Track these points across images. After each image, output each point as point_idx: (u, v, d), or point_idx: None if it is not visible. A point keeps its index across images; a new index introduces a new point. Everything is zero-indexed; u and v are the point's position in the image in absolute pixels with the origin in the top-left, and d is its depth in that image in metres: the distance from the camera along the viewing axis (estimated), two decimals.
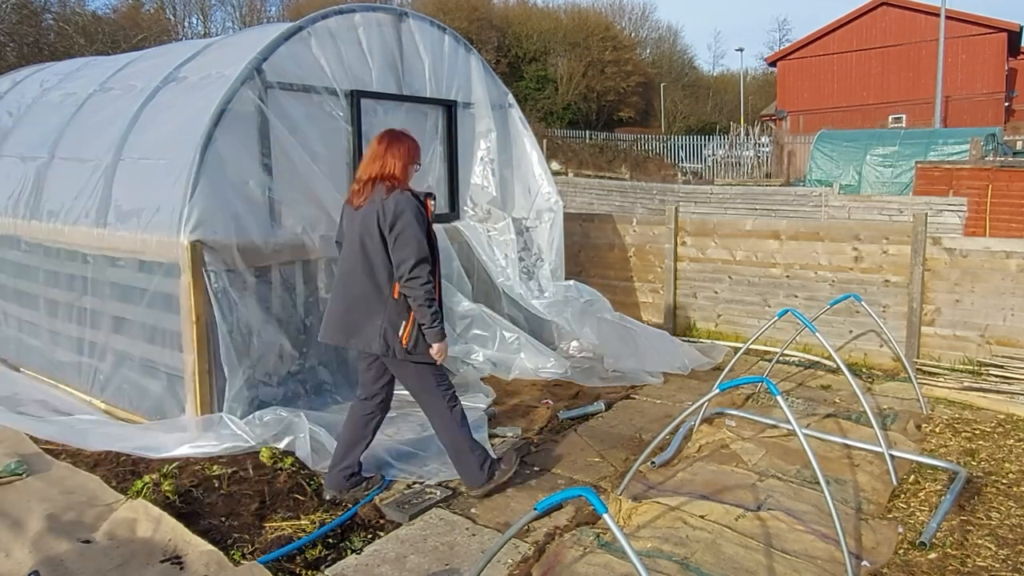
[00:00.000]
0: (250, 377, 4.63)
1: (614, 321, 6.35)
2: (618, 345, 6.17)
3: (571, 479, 4.15)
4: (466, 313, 5.81)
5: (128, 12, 30.25)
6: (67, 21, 23.08)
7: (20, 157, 6.18)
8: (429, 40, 5.92)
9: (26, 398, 5.30)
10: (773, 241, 6.84)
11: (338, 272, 3.76)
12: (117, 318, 4.98)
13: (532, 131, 6.82)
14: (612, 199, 19.45)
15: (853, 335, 6.48)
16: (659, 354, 6.15)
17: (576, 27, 40.25)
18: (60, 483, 3.94)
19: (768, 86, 44.65)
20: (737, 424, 4.90)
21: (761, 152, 28.35)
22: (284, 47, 4.94)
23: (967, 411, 5.21)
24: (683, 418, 3.71)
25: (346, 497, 3.83)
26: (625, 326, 6.34)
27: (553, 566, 3.21)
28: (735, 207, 17.14)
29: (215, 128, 4.52)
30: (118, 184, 5.03)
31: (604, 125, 40.14)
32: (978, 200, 13.71)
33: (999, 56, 30.51)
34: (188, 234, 4.37)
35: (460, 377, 5.48)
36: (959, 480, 4.00)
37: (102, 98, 5.84)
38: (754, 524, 3.52)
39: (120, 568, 3.17)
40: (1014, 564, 3.28)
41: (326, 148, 5.18)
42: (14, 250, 6.03)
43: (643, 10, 53.74)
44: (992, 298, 5.88)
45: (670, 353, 6.21)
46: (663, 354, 6.17)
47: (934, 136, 20.22)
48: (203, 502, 3.77)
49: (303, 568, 3.23)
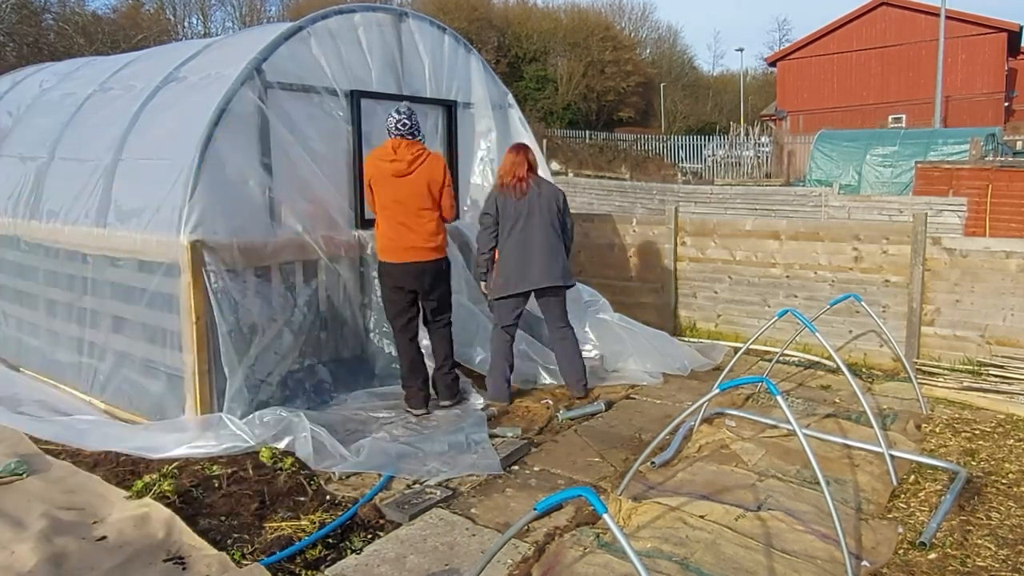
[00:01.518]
0: (250, 377, 4.63)
1: (613, 321, 6.34)
2: (618, 345, 6.17)
3: (571, 479, 4.15)
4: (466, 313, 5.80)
5: (128, 12, 30.25)
6: (67, 21, 23.08)
7: (20, 157, 6.18)
8: (429, 40, 5.93)
9: (26, 398, 5.30)
10: (773, 241, 6.84)
11: (519, 238, 5.19)
12: (117, 318, 4.98)
13: (532, 131, 6.82)
14: (612, 199, 19.44)
15: (853, 335, 6.48)
16: (659, 354, 6.15)
17: (576, 27, 40.27)
18: (60, 483, 3.94)
19: (768, 86, 44.65)
20: (737, 424, 4.90)
21: (761, 152, 28.36)
22: (284, 47, 4.94)
23: (967, 411, 5.21)
24: (683, 418, 3.71)
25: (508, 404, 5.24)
26: (625, 326, 6.34)
27: (553, 566, 3.21)
28: (735, 207, 17.14)
29: (215, 128, 4.52)
30: (118, 184, 5.03)
31: (604, 125, 40.14)
32: (978, 200, 13.71)
33: (999, 56, 30.52)
34: (188, 234, 4.37)
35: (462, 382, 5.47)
36: (959, 480, 4.00)
37: (102, 98, 5.84)
38: (754, 524, 3.52)
39: (122, 567, 3.17)
40: (1014, 564, 3.28)
41: (326, 148, 5.18)
42: (14, 250, 6.03)
43: (643, 10, 53.82)
44: (992, 298, 5.88)
45: (670, 354, 6.21)
46: (663, 355, 6.16)
47: (934, 136, 20.22)
48: (203, 502, 3.77)
49: (303, 568, 3.23)
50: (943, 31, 24.81)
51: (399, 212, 4.85)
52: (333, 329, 5.21)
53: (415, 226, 4.87)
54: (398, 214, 4.86)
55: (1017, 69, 32.64)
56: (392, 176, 4.83)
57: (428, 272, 4.95)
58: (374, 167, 4.93)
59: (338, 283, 5.23)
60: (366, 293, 5.41)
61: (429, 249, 4.93)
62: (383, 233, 4.94)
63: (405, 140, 4.85)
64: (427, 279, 4.95)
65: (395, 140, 4.86)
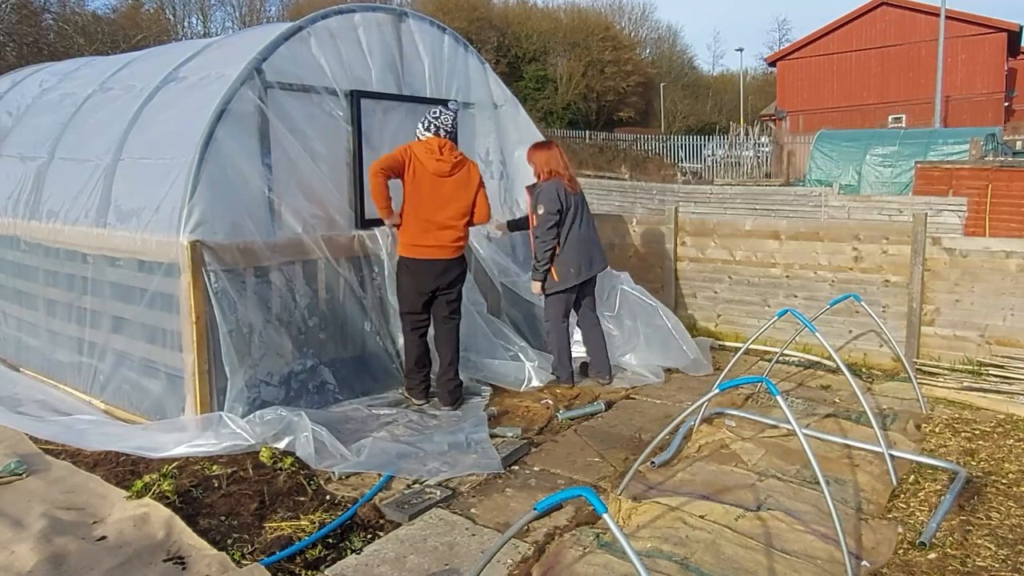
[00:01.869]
0: (251, 377, 4.63)
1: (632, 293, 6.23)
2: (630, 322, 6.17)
3: (571, 479, 4.15)
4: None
5: (128, 12, 30.27)
6: (67, 21, 23.09)
7: (20, 157, 6.18)
8: (429, 40, 5.92)
9: (26, 398, 5.30)
10: (773, 241, 6.84)
11: (579, 229, 5.61)
12: (117, 318, 4.98)
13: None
14: (612, 199, 19.43)
15: (853, 335, 6.48)
16: (663, 348, 6.10)
17: (576, 27, 40.28)
18: (60, 483, 3.94)
19: (768, 86, 44.66)
20: (737, 424, 4.90)
21: (761, 152, 28.37)
22: (284, 47, 4.93)
23: (967, 411, 5.21)
24: (683, 418, 3.70)
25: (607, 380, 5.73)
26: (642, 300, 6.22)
27: (553, 566, 3.21)
28: (735, 207, 17.13)
29: (215, 128, 4.52)
30: (118, 184, 5.03)
31: (604, 125, 40.15)
32: (978, 200, 13.71)
33: (999, 56, 30.52)
34: (188, 234, 4.37)
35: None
36: (959, 480, 4.00)
37: (102, 98, 5.84)
38: (754, 524, 3.52)
39: (122, 567, 3.17)
40: (1014, 564, 3.28)
41: (326, 148, 5.18)
42: (14, 250, 6.03)
43: (643, 10, 53.79)
44: (992, 298, 5.88)
45: (673, 346, 6.13)
46: (666, 348, 6.11)
47: (934, 136, 20.22)
48: (203, 502, 3.77)
49: (303, 568, 3.23)
50: (943, 31, 24.82)
51: (434, 211, 4.93)
52: (334, 329, 5.21)
53: (446, 226, 4.97)
54: (433, 213, 4.93)
55: (1017, 69, 32.65)
56: (434, 175, 4.91)
57: (451, 270, 5.07)
58: (414, 162, 4.89)
59: (338, 283, 5.23)
60: (367, 293, 5.40)
61: (456, 248, 5.07)
62: (410, 229, 4.98)
63: (450, 142, 5.00)
64: (449, 277, 5.07)
65: (441, 140, 4.97)
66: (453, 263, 5.08)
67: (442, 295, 5.13)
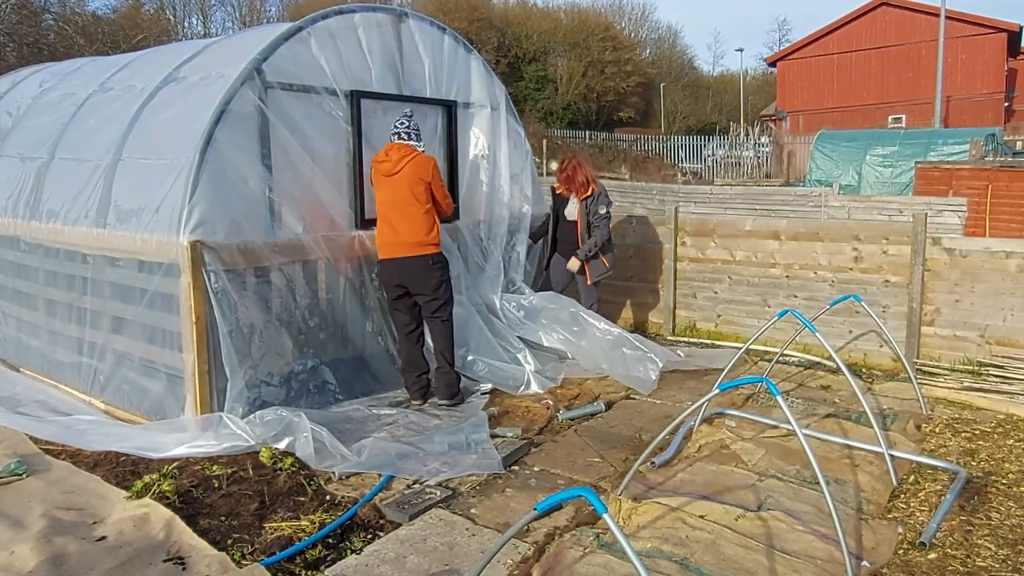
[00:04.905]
0: (252, 377, 4.63)
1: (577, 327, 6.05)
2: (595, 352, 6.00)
3: (571, 479, 4.15)
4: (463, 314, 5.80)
5: (128, 12, 30.27)
6: (67, 21, 23.08)
7: (20, 157, 6.18)
8: (429, 40, 5.92)
9: (26, 398, 5.31)
10: (773, 241, 6.84)
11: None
12: (117, 318, 4.98)
13: (530, 132, 6.80)
14: (611, 199, 19.41)
15: (853, 335, 6.48)
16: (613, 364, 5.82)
17: (576, 27, 40.28)
18: (60, 483, 3.94)
19: (768, 86, 44.65)
20: (737, 424, 4.90)
21: (761, 152, 28.36)
22: (284, 47, 4.93)
23: (967, 411, 5.21)
24: (683, 418, 3.70)
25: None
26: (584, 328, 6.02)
27: (553, 566, 3.21)
28: (735, 207, 17.11)
29: (215, 128, 4.52)
30: (118, 184, 5.03)
31: (604, 125, 40.15)
32: (978, 200, 13.70)
33: (999, 56, 30.50)
34: (188, 234, 4.37)
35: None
36: (959, 480, 4.00)
37: (102, 98, 5.84)
38: (754, 524, 3.52)
39: (123, 567, 3.17)
40: (1014, 564, 3.28)
41: (326, 148, 5.18)
42: (14, 250, 6.03)
43: (643, 10, 53.82)
44: (992, 298, 5.88)
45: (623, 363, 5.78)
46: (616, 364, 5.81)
47: (934, 136, 20.20)
48: (203, 502, 3.77)
49: (303, 568, 3.23)
50: (943, 31, 24.81)
51: (386, 210, 5.08)
52: (334, 330, 5.21)
53: (399, 224, 5.04)
54: (386, 212, 5.08)
55: (1017, 69, 32.63)
56: (382, 176, 5.06)
57: (410, 268, 5.08)
58: (372, 168, 5.20)
59: (338, 283, 5.23)
60: (367, 293, 5.41)
61: (411, 245, 5.06)
62: (376, 231, 5.18)
63: (398, 142, 5.08)
64: (410, 275, 5.09)
65: (389, 143, 5.11)
66: (413, 261, 5.04)
67: (416, 296, 5.16)
